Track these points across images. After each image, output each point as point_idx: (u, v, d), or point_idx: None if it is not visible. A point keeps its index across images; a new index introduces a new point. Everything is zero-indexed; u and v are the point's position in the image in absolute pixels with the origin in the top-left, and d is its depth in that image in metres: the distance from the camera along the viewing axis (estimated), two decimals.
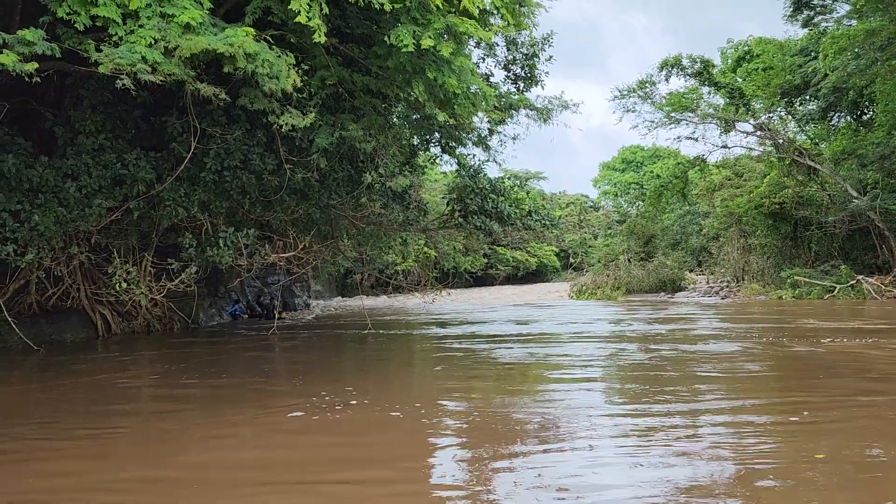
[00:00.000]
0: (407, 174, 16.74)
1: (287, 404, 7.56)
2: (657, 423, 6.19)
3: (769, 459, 5.07)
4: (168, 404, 8.04)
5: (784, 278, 27.76)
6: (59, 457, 5.72)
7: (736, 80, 32.19)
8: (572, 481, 4.65)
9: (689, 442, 5.58)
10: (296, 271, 18.43)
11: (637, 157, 69.88)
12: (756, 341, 12.30)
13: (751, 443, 5.51)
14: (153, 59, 7.56)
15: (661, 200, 33.67)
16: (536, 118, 17.61)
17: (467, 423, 6.57)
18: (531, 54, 17.66)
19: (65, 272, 14.19)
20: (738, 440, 5.60)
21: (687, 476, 4.72)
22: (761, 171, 32.99)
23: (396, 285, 24.15)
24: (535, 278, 60.77)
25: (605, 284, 34.53)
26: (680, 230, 45.43)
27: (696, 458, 5.10)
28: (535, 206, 21.01)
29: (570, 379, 9.03)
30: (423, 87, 10.09)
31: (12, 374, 10.78)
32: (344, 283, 40.17)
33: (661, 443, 5.55)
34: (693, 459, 5.08)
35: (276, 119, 9.98)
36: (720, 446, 5.42)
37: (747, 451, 5.28)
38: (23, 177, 11.28)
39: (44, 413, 7.50)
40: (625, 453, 5.30)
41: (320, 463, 5.41)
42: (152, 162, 12.63)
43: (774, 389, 8.18)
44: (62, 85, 13.33)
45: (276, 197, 13.77)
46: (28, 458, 5.67)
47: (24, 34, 7.33)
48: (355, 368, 11.27)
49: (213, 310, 20.49)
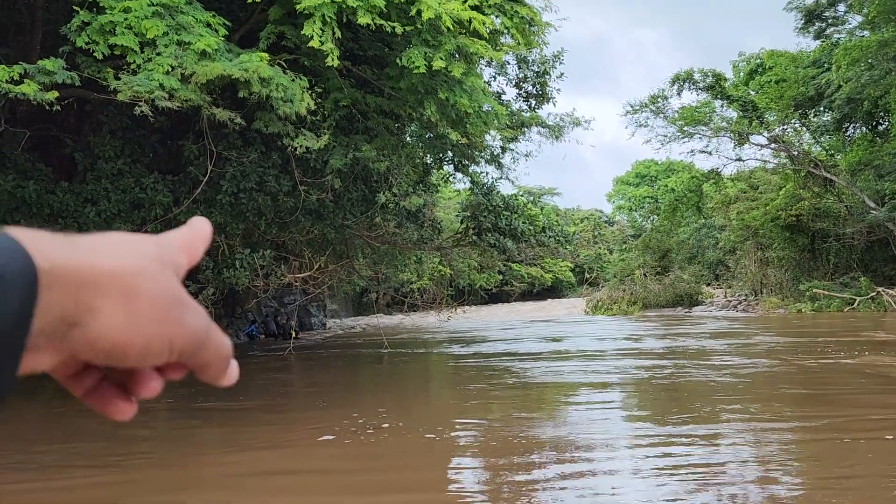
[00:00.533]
0: (420, 193, 16.84)
1: (314, 427, 7.49)
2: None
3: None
4: (190, 429, 8.09)
5: (803, 291, 27.50)
6: (76, 486, 5.77)
7: (748, 93, 32.13)
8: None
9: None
10: (311, 291, 18.51)
11: (651, 171, 69.71)
12: (836, 356, 12.19)
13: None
14: (170, 85, 7.70)
15: (676, 214, 33.54)
16: (549, 135, 17.67)
17: (506, 447, 6.45)
18: (542, 72, 17.74)
19: None
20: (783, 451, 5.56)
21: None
22: (777, 183, 32.79)
23: (412, 303, 24.15)
24: (550, 294, 60.56)
25: (622, 299, 34.36)
26: (696, 244, 45.16)
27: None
28: (550, 222, 21.01)
29: (611, 403, 9.00)
30: (436, 107, 10.18)
31: (35, 398, 10.90)
32: (360, 302, 40.22)
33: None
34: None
35: (291, 141, 10.11)
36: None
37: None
38: (43, 202, 11.47)
39: (65, 438, 7.55)
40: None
41: (360, 491, 5.30)
42: (169, 185, 12.80)
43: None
44: (82, 111, 13.57)
45: (291, 218, 13.89)
46: (47, 487, 5.73)
47: (44, 64, 7.51)
48: (378, 389, 11.26)
49: (231, 330, 20.62)
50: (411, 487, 5.30)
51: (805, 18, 29.16)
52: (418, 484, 5.41)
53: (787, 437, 6.21)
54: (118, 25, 7.74)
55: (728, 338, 16.41)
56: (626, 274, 41.15)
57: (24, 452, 6.75)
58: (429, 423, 7.63)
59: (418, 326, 26.97)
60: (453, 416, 7.93)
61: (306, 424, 7.74)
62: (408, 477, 5.62)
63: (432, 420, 7.86)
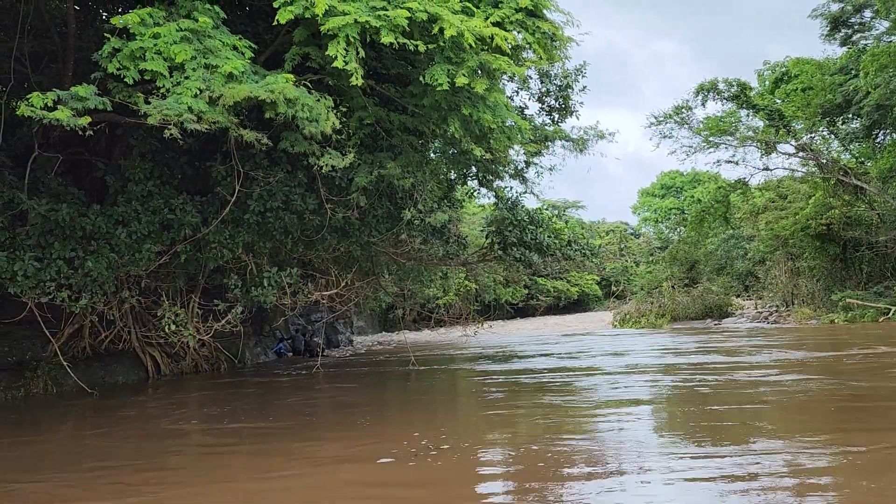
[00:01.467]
0: (445, 209, 16.90)
1: (368, 446, 7.34)
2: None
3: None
4: (232, 453, 8.14)
5: (835, 301, 27.00)
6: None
7: (774, 102, 31.79)
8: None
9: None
10: (338, 308, 18.61)
11: (676, 182, 69.18)
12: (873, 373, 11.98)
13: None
14: (199, 108, 7.84)
15: (703, 225, 33.18)
16: (572, 149, 17.67)
17: (573, 465, 6.40)
18: (565, 86, 17.78)
19: (116, 316, 14.57)
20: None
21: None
22: (806, 192, 32.31)
23: (438, 319, 24.19)
24: (576, 308, 60.14)
25: (650, 312, 34.00)
26: (724, 255, 44.59)
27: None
28: (575, 235, 20.93)
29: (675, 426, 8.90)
30: (459, 123, 10.23)
31: (67, 418, 11.06)
32: (386, 318, 40.34)
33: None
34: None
35: (317, 160, 10.21)
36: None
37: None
38: (76, 225, 11.69)
39: (95, 460, 7.61)
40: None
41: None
42: (198, 206, 13.00)
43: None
44: (113, 135, 13.86)
45: (317, 236, 14.01)
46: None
47: (77, 90, 7.69)
48: (416, 408, 11.08)
49: (259, 348, 20.77)
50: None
51: (831, 25, 28.84)
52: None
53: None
54: (148, 51, 7.91)
55: (766, 349, 16.15)
56: (654, 286, 40.73)
57: (53, 471, 6.86)
58: (498, 443, 7.48)
59: (446, 342, 26.95)
60: (527, 437, 7.88)
61: (363, 444, 7.60)
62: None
63: (499, 440, 7.69)
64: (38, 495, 6.01)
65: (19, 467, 7.26)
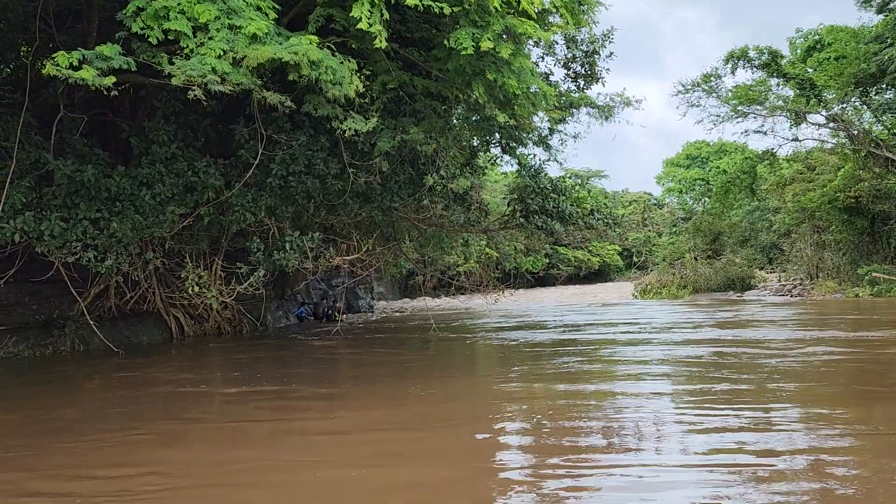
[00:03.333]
0: (468, 175, 16.79)
1: (387, 412, 7.41)
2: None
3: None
4: (256, 408, 8.27)
5: (861, 275, 26.62)
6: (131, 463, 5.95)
7: (806, 71, 31.02)
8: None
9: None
10: (359, 273, 18.69)
11: (702, 152, 68.14)
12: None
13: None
14: (222, 69, 7.81)
15: (729, 196, 32.71)
16: (598, 116, 17.38)
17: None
18: (591, 51, 17.44)
19: (141, 277, 14.76)
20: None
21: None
22: (835, 163, 31.67)
23: (459, 286, 24.20)
24: (597, 278, 59.97)
25: (671, 283, 33.80)
26: (749, 227, 44.06)
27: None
28: (598, 204, 20.73)
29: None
30: (483, 88, 10.11)
31: (94, 377, 11.28)
32: (406, 285, 40.53)
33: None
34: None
35: (340, 124, 10.17)
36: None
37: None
38: (101, 186, 11.79)
39: (122, 418, 7.74)
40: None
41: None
42: (221, 169, 13.04)
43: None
44: (136, 97, 13.90)
45: (339, 201, 14.01)
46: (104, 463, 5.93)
47: (101, 50, 7.69)
48: (435, 374, 11.20)
49: (280, 312, 20.98)
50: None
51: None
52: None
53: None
54: (172, 10, 7.87)
55: (790, 325, 16.01)
56: (676, 257, 40.44)
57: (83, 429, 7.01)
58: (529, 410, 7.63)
59: (466, 309, 27.04)
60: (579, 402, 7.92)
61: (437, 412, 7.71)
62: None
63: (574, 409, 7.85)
64: (69, 447, 6.16)
65: (50, 424, 7.44)
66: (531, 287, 48.71)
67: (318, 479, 5.05)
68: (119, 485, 5.03)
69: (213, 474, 5.26)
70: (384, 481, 4.94)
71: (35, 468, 5.53)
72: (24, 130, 11.35)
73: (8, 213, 11.04)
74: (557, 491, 4.55)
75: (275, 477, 5.08)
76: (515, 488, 4.72)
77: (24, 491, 4.94)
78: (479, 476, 5.08)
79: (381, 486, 4.84)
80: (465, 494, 4.70)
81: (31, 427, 7.18)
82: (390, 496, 4.64)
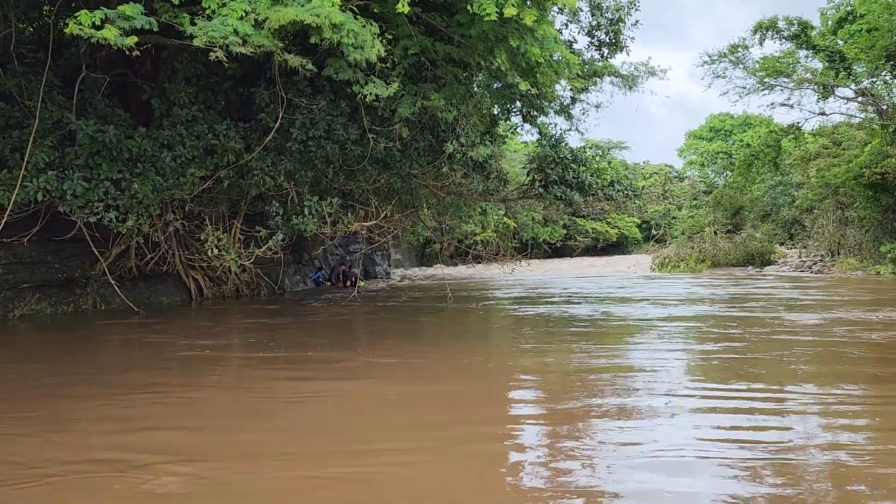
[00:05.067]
0: (487, 143, 16.68)
1: (401, 380, 7.51)
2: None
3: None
4: (271, 368, 8.37)
5: (884, 253, 26.28)
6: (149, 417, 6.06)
7: (836, 43, 30.31)
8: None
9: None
10: (377, 240, 18.74)
11: (726, 125, 67.14)
12: None
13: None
14: (244, 31, 7.77)
15: (752, 170, 32.24)
16: (621, 85, 17.13)
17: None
18: (616, 19, 17.13)
19: (161, 238, 14.91)
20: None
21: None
22: (862, 139, 31.07)
23: (476, 255, 24.22)
24: (614, 250, 59.68)
25: (690, 257, 33.55)
26: (770, 201, 43.50)
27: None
28: (618, 175, 20.53)
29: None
30: (506, 55, 9.99)
31: (114, 334, 11.46)
32: (423, 253, 40.59)
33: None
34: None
35: (361, 89, 10.11)
36: None
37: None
38: (123, 147, 11.86)
39: (142, 378, 7.87)
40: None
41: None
42: (241, 132, 13.05)
43: None
44: (158, 58, 13.89)
45: (358, 166, 14.00)
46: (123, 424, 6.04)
47: (124, 9, 7.66)
48: (447, 339, 11.33)
49: (298, 276, 21.14)
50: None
51: None
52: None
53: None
54: None
55: (814, 307, 15.88)
56: (696, 231, 40.11)
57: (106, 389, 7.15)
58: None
59: (483, 278, 27.07)
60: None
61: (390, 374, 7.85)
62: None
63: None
64: (90, 399, 6.29)
65: (74, 375, 7.59)
66: (548, 258, 48.60)
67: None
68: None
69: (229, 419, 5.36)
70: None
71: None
72: (46, 90, 11.40)
73: (31, 172, 11.15)
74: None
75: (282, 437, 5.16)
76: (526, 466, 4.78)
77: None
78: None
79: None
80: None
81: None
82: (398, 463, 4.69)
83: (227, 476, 4.32)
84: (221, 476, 4.32)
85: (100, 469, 4.44)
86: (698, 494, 3.95)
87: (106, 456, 4.68)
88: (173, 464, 4.51)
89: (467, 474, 4.40)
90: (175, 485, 4.17)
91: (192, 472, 4.36)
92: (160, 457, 4.65)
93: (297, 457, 4.72)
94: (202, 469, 4.44)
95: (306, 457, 4.72)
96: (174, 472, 4.38)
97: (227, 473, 4.37)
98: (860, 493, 3.95)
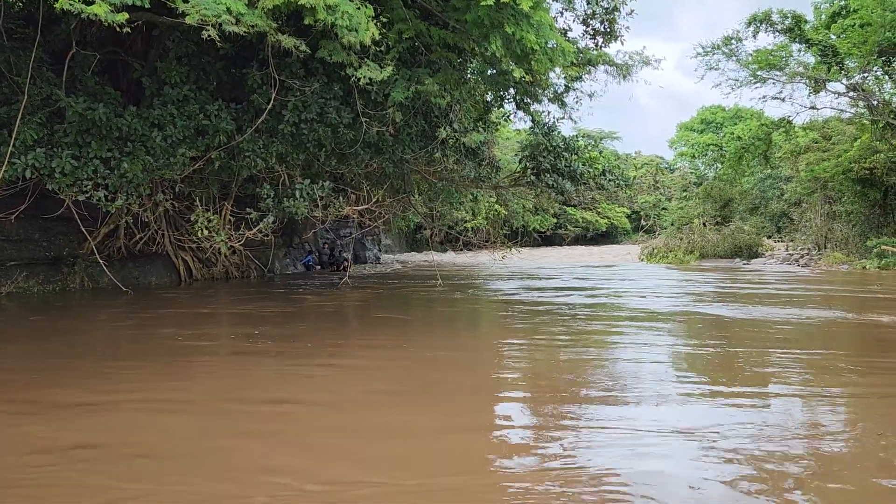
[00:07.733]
0: (480, 130, 16.65)
1: (388, 362, 7.59)
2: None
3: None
4: (261, 354, 8.37)
5: (870, 247, 26.51)
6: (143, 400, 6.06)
7: (829, 38, 30.40)
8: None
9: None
10: (368, 225, 18.72)
11: (717, 117, 67.32)
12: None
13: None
14: (237, 10, 7.71)
15: (742, 163, 32.38)
16: (615, 74, 17.14)
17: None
18: (612, 8, 17.09)
19: (151, 218, 14.83)
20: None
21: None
22: (852, 134, 31.26)
23: (466, 242, 24.24)
24: (604, 239, 59.93)
25: (678, 248, 33.73)
26: (760, 194, 43.78)
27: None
28: (609, 165, 20.59)
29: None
30: (501, 41, 9.96)
31: (102, 311, 11.41)
32: (413, 239, 40.61)
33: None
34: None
35: (354, 72, 10.06)
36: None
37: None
38: (112, 125, 11.76)
39: (132, 353, 7.86)
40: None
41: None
42: (233, 113, 12.97)
43: None
44: (149, 36, 13.75)
45: (350, 150, 13.95)
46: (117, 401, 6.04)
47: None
48: (438, 325, 11.37)
49: (288, 259, 21.10)
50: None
51: None
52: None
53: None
54: None
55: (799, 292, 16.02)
56: (685, 222, 40.31)
57: (95, 364, 7.13)
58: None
59: (473, 265, 27.10)
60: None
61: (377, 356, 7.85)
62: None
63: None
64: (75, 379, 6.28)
65: (62, 355, 7.57)
66: (538, 246, 48.75)
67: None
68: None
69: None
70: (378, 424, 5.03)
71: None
72: (35, 66, 11.28)
73: (19, 149, 11.04)
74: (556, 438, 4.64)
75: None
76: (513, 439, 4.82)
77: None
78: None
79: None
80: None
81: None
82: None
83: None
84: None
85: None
86: (689, 477, 4.00)
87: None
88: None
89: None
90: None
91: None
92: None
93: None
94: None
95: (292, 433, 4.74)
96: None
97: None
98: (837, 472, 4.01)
